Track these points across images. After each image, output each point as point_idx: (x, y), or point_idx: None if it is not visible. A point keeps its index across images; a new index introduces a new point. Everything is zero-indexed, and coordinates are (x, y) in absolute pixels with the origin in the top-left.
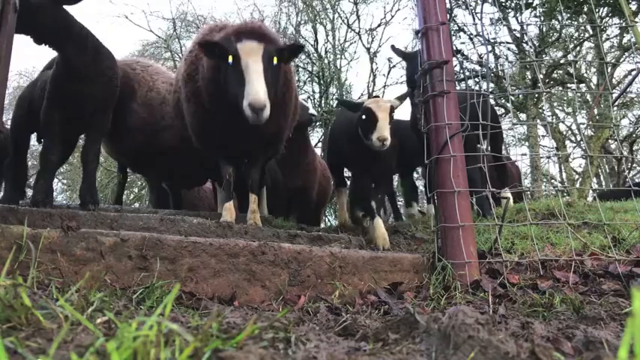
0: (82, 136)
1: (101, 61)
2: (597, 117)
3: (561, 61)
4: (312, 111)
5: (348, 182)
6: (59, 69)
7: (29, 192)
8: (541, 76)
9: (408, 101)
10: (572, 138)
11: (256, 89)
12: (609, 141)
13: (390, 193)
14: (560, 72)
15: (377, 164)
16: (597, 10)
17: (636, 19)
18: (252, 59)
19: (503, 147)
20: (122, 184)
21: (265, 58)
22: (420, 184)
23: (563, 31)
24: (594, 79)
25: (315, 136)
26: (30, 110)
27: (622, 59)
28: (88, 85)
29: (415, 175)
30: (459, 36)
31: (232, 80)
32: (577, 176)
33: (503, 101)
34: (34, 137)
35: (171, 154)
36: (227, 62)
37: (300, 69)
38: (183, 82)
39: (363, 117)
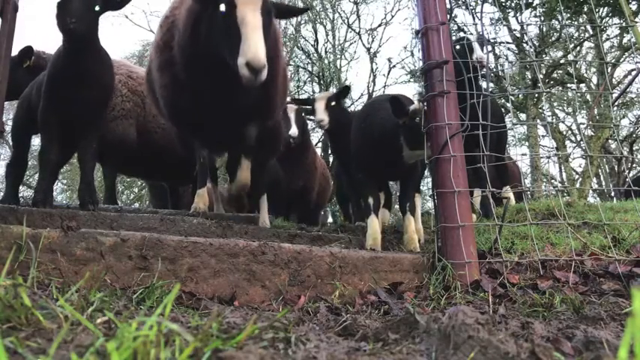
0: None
1: (98, 62)
2: (597, 117)
3: (561, 61)
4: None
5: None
6: (55, 69)
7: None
8: (541, 76)
9: None
10: (572, 138)
11: (256, 46)
12: (609, 141)
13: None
14: (560, 72)
15: (404, 167)
16: (597, 10)
17: (636, 19)
18: (251, 11)
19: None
20: (108, 186)
21: (264, 11)
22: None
23: (563, 31)
24: (594, 79)
25: (315, 137)
26: (30, 110)
27: (622, 59)
28: (83, 86)
29: None
30: (459, 36)
31: (222, 33)
32: (577, 176)
33: (503, 101)
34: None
35: (129, 147)
36: (217, 11)
37: (300, 69)
38: (156, 51)
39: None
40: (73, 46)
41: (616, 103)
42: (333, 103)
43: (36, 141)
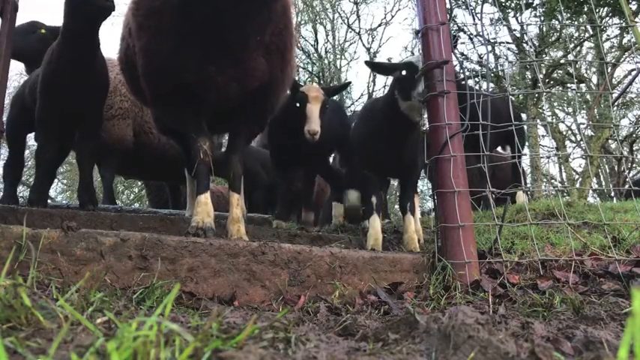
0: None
1: (94, 58)
2: (597, 117)
3: (561, 61)
4: None
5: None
6: (51, 65)
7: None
8: (541, 76)
9: None
10: (572, 138)
11: None
12: (609, 141)
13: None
14: (560, 72)
15: (404, 150)
16: (597, 10)
17: (636, 19)
18: None
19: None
20: (106, 186)
21: None
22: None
23: (563, 31)
24: (594, 79)
25: None
26: (24, 109)
27: (622, 59)
28: (81, 81)
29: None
30: (459, 36)
31: None
32: (577, 176)
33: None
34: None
35: (126, 147)
36: None
37: (301, 69)
38: (133, 9)
39: (403, 72)
40: (89, 28)
41: (616, 103)
42: (327, 106)
43: (32, 140)
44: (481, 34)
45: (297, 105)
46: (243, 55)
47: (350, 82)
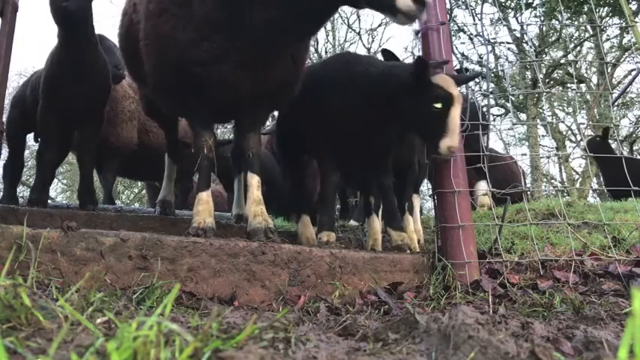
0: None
1: (94, 51)
2: (597, 117)
3: (561, 61)
4: None
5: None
6: (52, 65)
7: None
8: (541, 76)
9: None
10: (572, 138)
11: None
12: (609, 141)
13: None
14: (560, 72)
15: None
16: (597, 10)
17: (636, 19)
18: None
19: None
20: (106, 186)
21: None
22: None
23: (563, 31)
24: (594, 79)
25: None
26: (24, 110)
27: (622, 59)
28: (82, 82)
29: None
30: (459, 36)
31: None
32: (577, 176)
33: (503, 101)
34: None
35: (131, 149)
36: None
37: None
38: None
39: None
40: (67, 30)
41: (616, 103)
42: None
43: (32, 140)
44: (481, 34)
45: (438, 108)
46: (267, 63)
47: (480, 74)
